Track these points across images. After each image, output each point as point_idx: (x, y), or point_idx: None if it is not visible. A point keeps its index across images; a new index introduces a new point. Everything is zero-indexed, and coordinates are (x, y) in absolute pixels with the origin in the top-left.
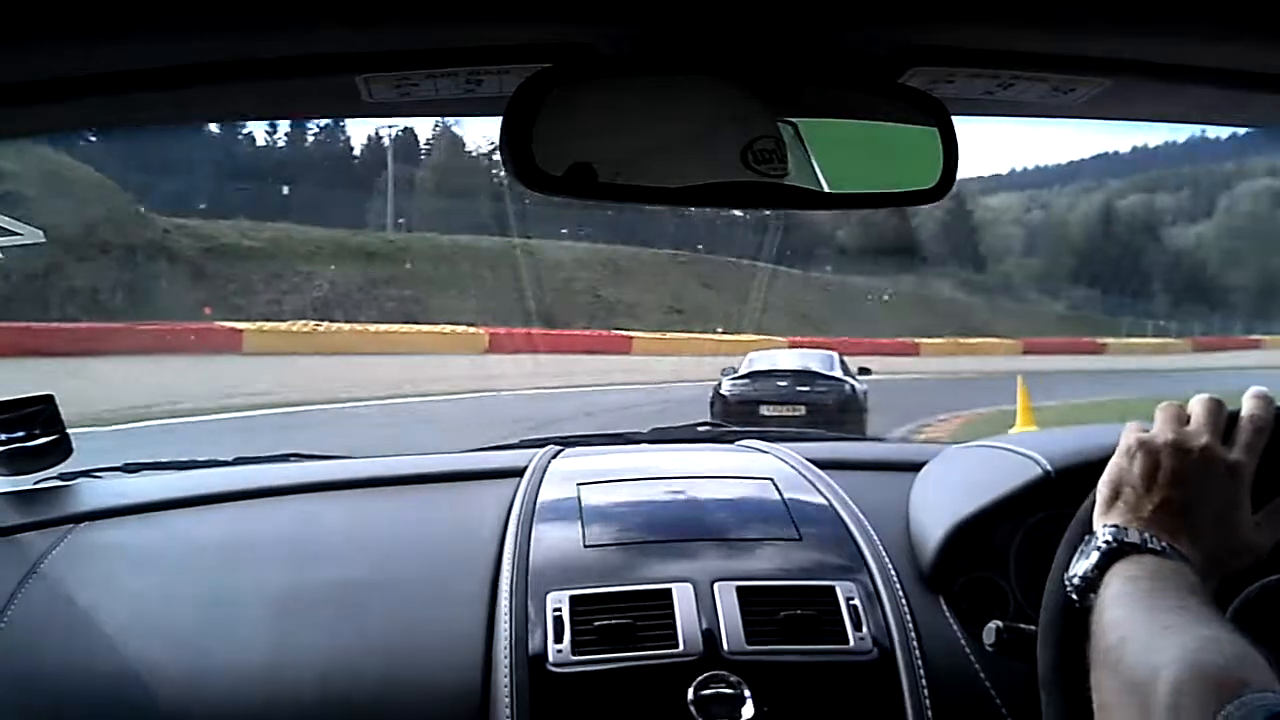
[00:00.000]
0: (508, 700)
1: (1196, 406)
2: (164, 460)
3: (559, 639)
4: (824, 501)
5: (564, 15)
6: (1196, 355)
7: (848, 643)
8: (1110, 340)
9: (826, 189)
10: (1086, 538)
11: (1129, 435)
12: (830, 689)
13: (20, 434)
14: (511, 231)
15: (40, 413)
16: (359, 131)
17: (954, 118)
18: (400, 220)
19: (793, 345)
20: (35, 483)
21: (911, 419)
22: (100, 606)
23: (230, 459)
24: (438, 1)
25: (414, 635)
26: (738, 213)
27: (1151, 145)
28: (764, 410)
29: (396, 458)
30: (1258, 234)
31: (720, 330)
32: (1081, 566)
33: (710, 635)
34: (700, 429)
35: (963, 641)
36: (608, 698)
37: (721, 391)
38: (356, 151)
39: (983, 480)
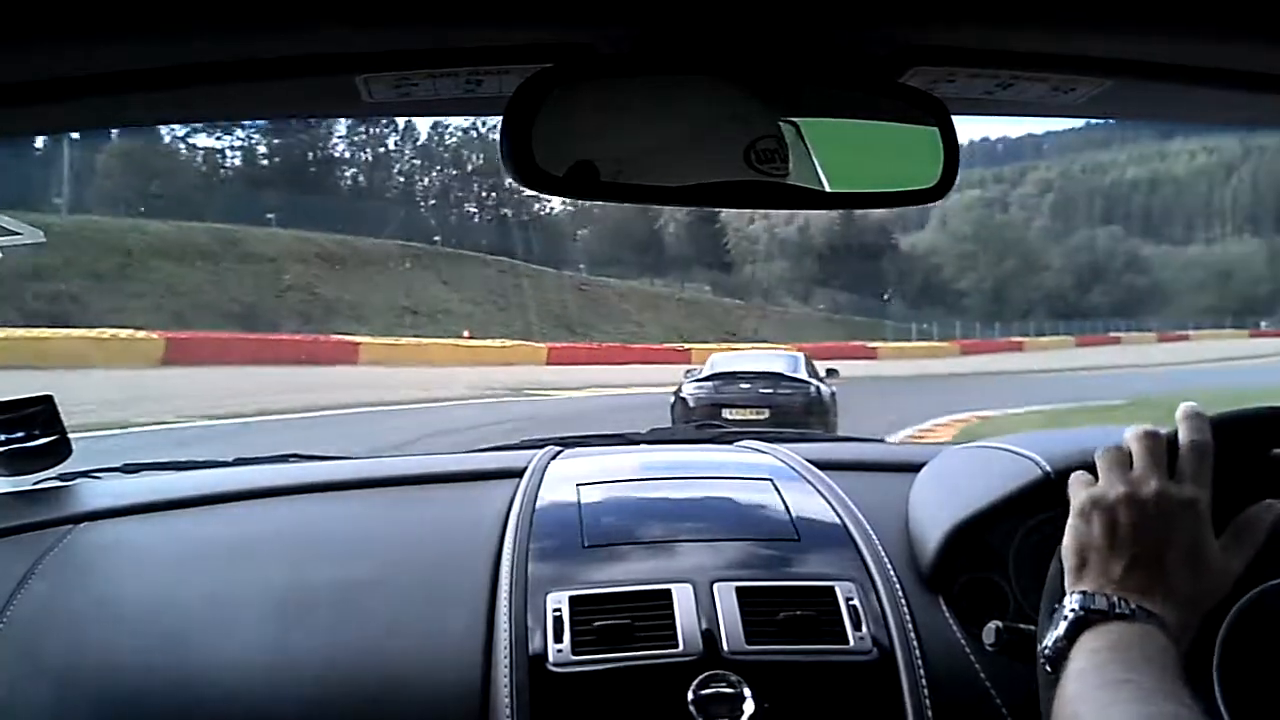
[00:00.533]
0: (507, 700)
1: (1136, 445)
2: (164, 460)
3: (559, 639)
4: (823, 502)
5: (564, 15)
6: (964, 358)
7: (847, 643)
8: (880, 344)
9: (827, 189)
10: (1056, 606)
11: (1080, 495)
12: (830, 689)
13: (20, 434)
14: (207, 217)
15: (40, 413)
16: None
17: (954, 118)
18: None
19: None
20: (35, 483)
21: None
22: (100, 607)
23: (230, 459)
24: (438, 1)
25: (414, 635)
26: (471, 206)
27: None
28: (727, 414)
29: (396, 458)
30: (979, 239)
31: (467, 335)
32: (1052, 637)
33: (710, 635)
34: (700, 429)
35: (963, 641)
36: (607, 698)
37: (682, 394)
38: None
39: (982, 481)
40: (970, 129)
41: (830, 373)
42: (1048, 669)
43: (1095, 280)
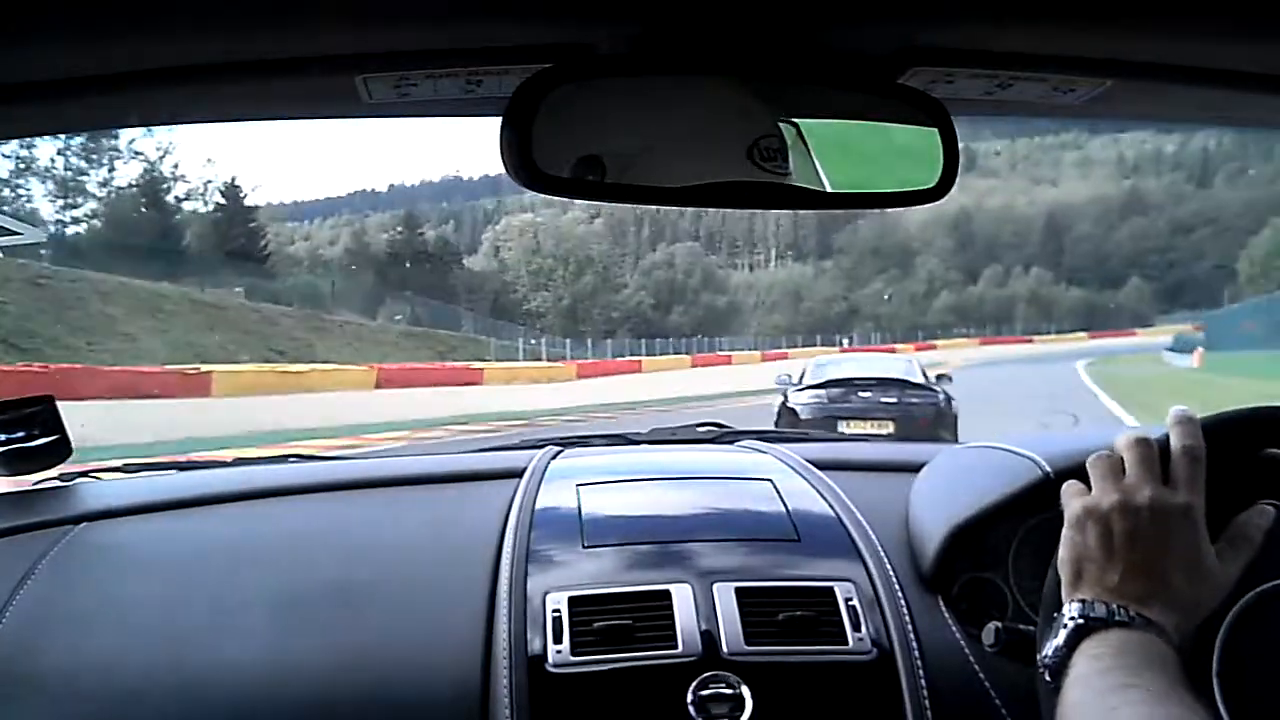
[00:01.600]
0: (507, 701)
1: (1128, 453)
2: (164, 460)
3: (558, 640)
4: (823, 502)
5: (564, 15)
6: (584, 381)
7: (847, 643)
8: (486, 365)
9: (827, 189)
10: (1055, 615)
11: (1073, 505)
12: (829, 689)
13: (20, 434)
14: None
15: (40, 413)
16: None
17: (954, 117)
18: None
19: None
20: (35, 483)
21: None
22: (100, 607)
23: (230, 460)
24: (438, 1)
25: (413, 636)
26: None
27: (409, 184)
28: (843, 427)
29: (396, 459)
30: (557, 255)
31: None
32: (1051, 645)
33: (709, 636)
34: (700, 429)
35: (962, 642)
36: (607, 698)
37: (790, 405)
38: None
39: (982, 481)
40: None
41: (941, 378)
42: (1048, 678)
43: (675, 299)
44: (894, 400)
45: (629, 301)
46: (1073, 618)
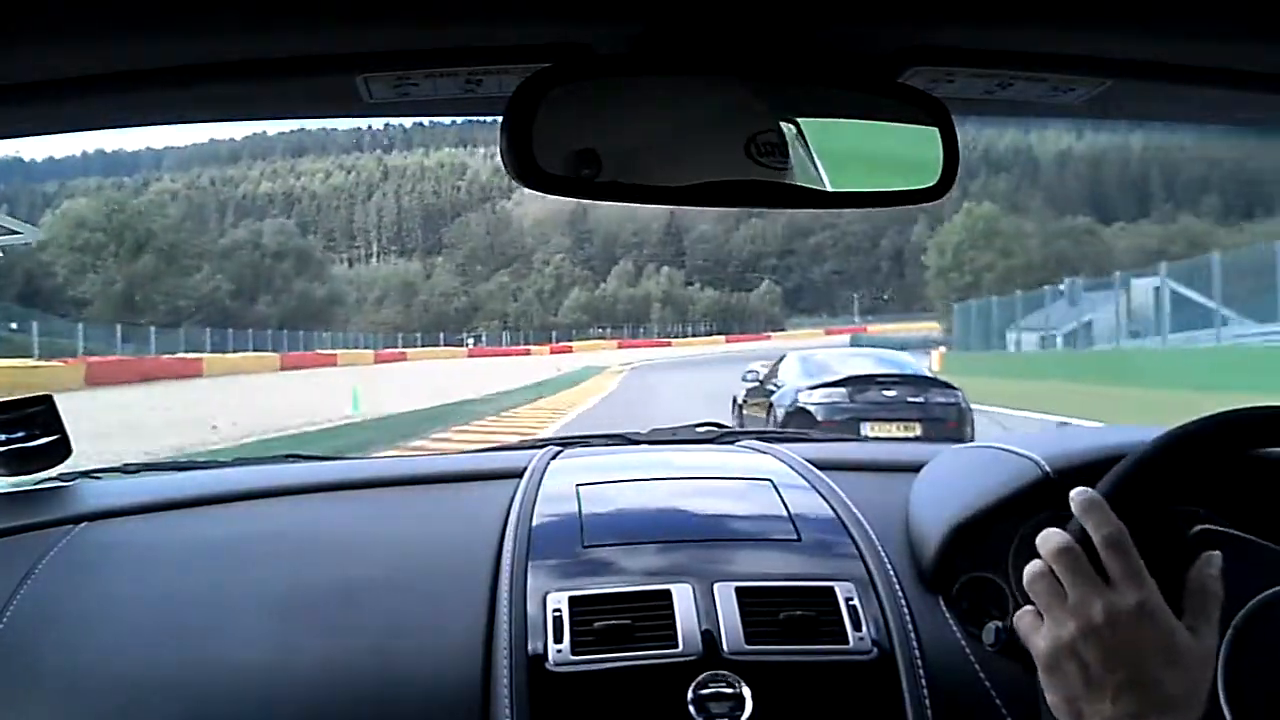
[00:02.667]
0: (507, 701)
1: (1059, 566)
2: (163, 461)
3: (558, 639)
4: (823, 502)
5: (563, 15)
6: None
7: (847, 643)
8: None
9: (827, 188)
10: None
11: (1038, 645)
12: (830, 689)
13: (20, 434)
14: None
15: (40, 413)
16: None
17: (954, 117)
18: None
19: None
20: (35, 483)
21: None
22: (100, 607)
23: (230, 460)
24: (438, 1)
25: (413, 636)
26: None
27: None
28: (867, 429)
29: (396, 459)
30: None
31: None
32: None
33: (710, 636)
34: (700, 429)
35: (962, 641)
36: (607, 698)
37: (803, 405)
38: None
39: (982, 481)
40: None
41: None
42: None
43: (261, 286)
44: (920, 400)
45: (202, 287)
46: None
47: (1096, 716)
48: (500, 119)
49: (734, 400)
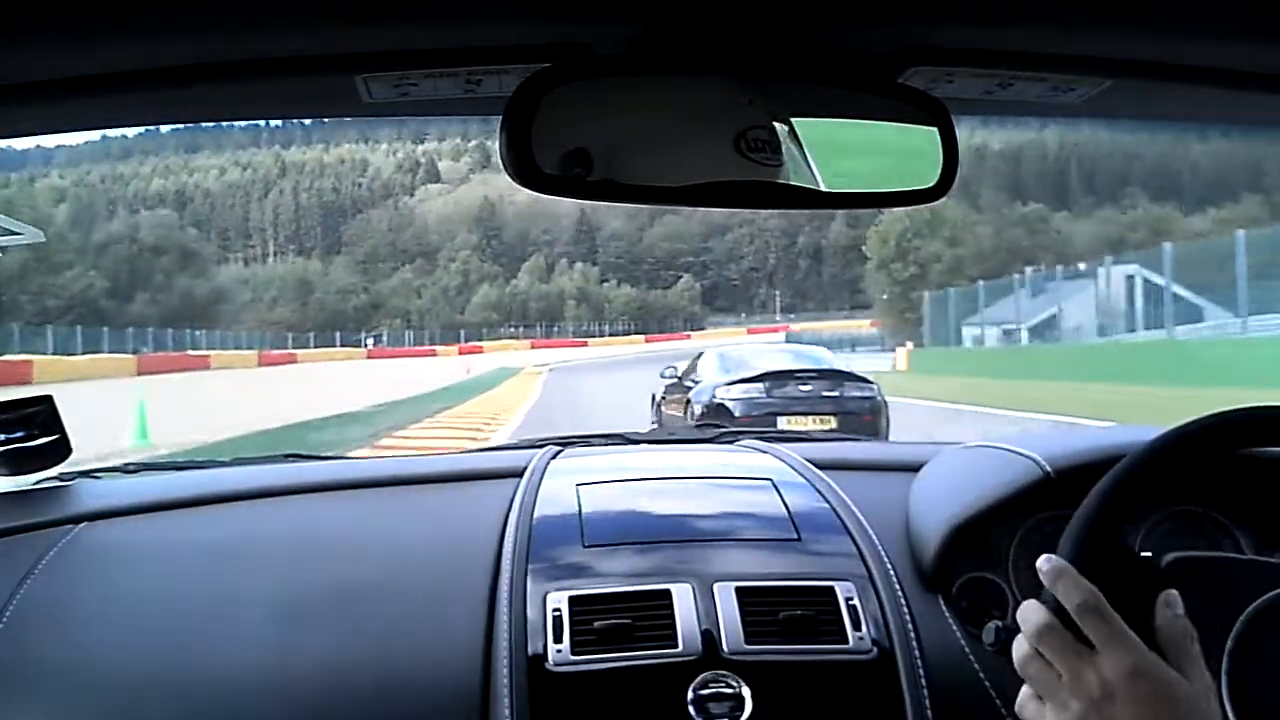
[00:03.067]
0: (507, 700)
1: (1046, 647)
2: (163, 460)
3: (558, 639)
4: (823, 502)
5: (563, 15)
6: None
7: (847, 643)
8: None
9: (825, 188)
10: None
11: None
12: (829, 689)
13: (20, 434)
14: None
15: (40, 413)
16: None
17: (954, 117)
18: None
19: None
20: (35, 483)
21: None
22: (100, 607)
23: (230, 459)
24: (437, 1)
25: (414, 636)
26: None
27: None
28: (784, 423)
29: (396, 459)
30: None
31: None
32: None
33: (710, 635)
34: (700, 429)
35: (962, 641)
36: (607, 698)
37: (721, 401)
38: None
39: (982, 480)
40: None
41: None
42: None
43: (139, 283)
44: (836, 394)
45: (74, 284)
46: None
47: None
48: (500, 119)
49: (653, 397)
